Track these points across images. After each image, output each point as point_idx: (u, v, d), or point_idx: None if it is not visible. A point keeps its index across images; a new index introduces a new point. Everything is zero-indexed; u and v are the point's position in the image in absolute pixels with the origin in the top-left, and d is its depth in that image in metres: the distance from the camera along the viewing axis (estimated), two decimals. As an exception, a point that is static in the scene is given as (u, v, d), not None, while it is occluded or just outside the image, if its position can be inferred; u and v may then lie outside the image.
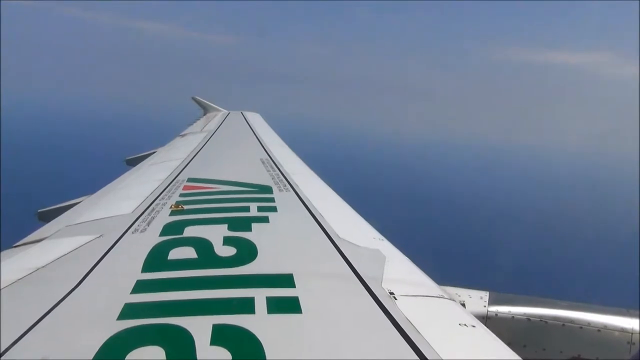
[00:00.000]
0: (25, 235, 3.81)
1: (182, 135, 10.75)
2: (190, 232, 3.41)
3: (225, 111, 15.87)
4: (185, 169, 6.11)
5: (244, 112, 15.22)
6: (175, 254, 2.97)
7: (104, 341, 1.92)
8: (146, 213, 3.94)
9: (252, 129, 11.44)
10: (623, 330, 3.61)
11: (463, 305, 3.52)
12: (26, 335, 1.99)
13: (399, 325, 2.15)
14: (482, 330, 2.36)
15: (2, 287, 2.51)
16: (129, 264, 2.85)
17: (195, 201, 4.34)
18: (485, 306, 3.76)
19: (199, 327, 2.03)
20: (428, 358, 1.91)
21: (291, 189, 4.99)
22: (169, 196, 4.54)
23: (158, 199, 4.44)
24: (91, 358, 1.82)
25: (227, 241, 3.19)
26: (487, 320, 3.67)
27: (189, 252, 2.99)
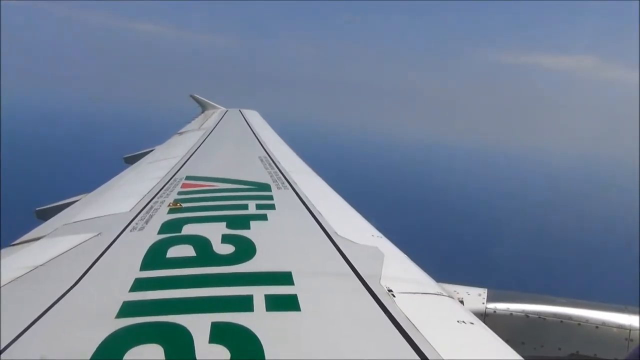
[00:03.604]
0: (23, 234, 3.81)
1: (180, 133, 10.73)
2: (188, 230, 3.40)
3: (223, 109, 15.84)
4: (184, 166, 6.10)
5: (242, 110, 15.18)
6: (174, 252, 2.97)
7: (102, 339, 1.92)
8: (144, 211, 3.93)
9: (250, 127, 11.42)
10: (621, 327, 3.62)
11: (461, 302, 3.52)
12: (24, 334, 1.98)
13: (398, 323, 2.15)
14: (481, 327, 2.36)
15: (0, 286, 2.50)
16: (127, 262, 2.84)
17: (193, 199, 4.33)
18: (483, 303, 3.77)
19: (198, 325, 2.02)
20: (426, 355, 1.91)
21: (290, 187, 4.98)
22: (167, 194, 4.53)
23: (156, 197, 4.44)
24: (90, 356, 1.81)
25: (226, 239, 3.18)
26: (486, 317, 3.67)
27: (187, 250, 2.99)
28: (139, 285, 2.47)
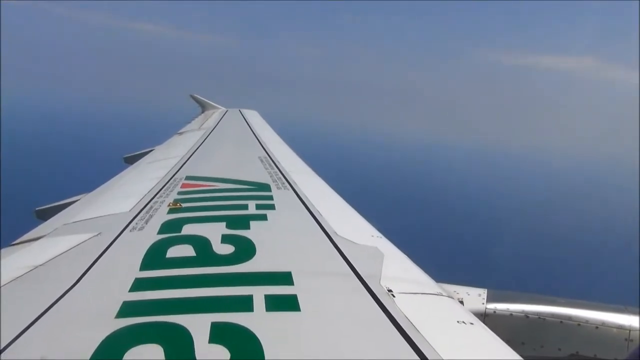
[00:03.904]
0: (23, 234, 3.81)
1: (180, 133, 10.73)
2: (188, 230, 3.40)
3: (223, 109, 15.85)
4: (184, 166, 6.10)
5: (242, 110, 15.19)
6: (174, 252, 2.97)
7: (102, 339, 1.92)
8: (144, 211, 3.93)
9: (250, 127, 11.42)
10: (621, 328, 3.62)
11: (461, 302, 3.52)
12: (24, 334, 1.98)
13: (398, 323, 2.15)
14: (481, 327, 2.36)
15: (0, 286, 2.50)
16: (127, 262, 2.84)
17: (193, 199, 4.33)
18: (483, 303, 3.77)
19: (198, 325, 2.02)
20: (426, 356, 1.91)
21: (289, 187, 4.98)
22: (167, 194, 4.53)
23: (156, 197, 4.43)
24: (89, 356, 1.81)
25: (226, 239, 3.18)
26: (486, 317, 3.67)
27: (187, 250, 2.99)
28: (139, 285, 2.47)
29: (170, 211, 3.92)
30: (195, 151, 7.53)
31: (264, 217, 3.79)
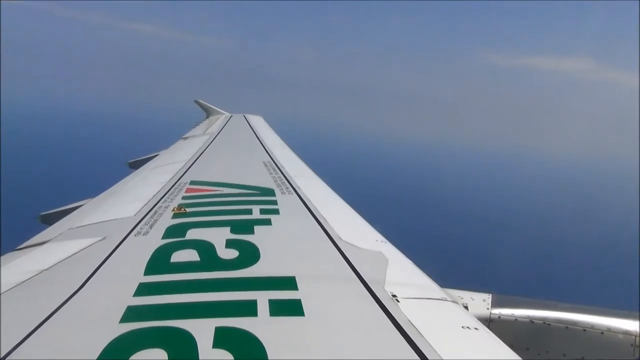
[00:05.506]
0: (28, 238, 3.82)
1: (185, 138, 10.76)
2: (192, 234, 3.41)
3: (227, 114, 15.88)
4: (188, 171, 6.12)
5: (247, 115, 15.22)
6: (178, 256, 2.98)
7: (106, 344, 1.92)
8: (149, 216, 3.95)
9: (254, 132, 11.44)
10: (627, 333, 3.59)
11: (466, 307, 3.50)
12: (29, 338, 1.99)
13: (402, 328, 2.15)
14: (485, 332, 2.35)
15: (5, 290, 2.51)
16: (131, 266, 2.85)
17: (197, 204, 4.34)
18: (488, 308, 3.75)
19: (202, 330, 2.03)
20: None
21: (293, 192, 4.99)
22: (171, 199, 4.54)
23: (161, 201, 4.45)
24: None
25: (230, 244, 3.19)
26: (490, 322, 3.65)
27: (191, 255, 3.00)
28: (143, 289, 2.48)
29: (175, 216, 3.93)
30: (199, 156, 7.55)
31: (268, 222, 3.80)
